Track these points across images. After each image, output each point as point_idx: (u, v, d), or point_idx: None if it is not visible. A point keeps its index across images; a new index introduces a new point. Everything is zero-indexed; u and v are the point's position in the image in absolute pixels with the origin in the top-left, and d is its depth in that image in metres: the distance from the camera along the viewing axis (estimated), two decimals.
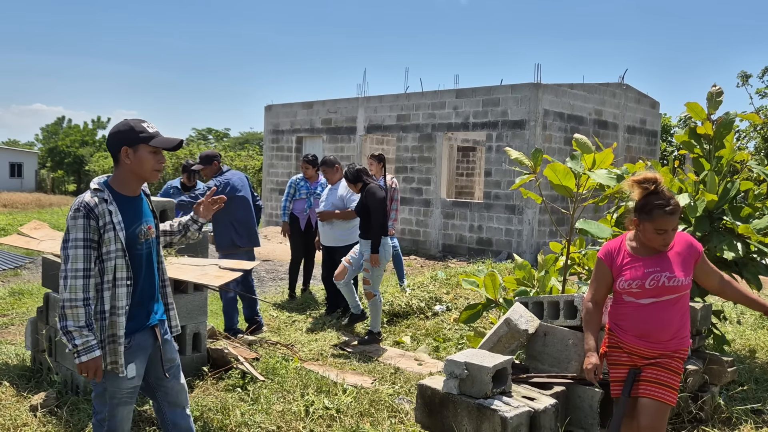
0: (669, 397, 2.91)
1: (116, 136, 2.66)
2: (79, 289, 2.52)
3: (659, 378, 2.92)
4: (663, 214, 2.80)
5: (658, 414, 2.91)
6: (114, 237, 2.59)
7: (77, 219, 2.53)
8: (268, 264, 10.81)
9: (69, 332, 2.53)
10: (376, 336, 5.95)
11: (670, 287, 2.87)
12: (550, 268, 4.78)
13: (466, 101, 13.47)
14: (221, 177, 5.98)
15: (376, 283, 5.91)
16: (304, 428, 3.76)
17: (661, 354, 2.93)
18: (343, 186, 6.71)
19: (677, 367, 2.94)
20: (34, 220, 5.63)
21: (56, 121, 46.99)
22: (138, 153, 2.64)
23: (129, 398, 2.74)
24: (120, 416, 2.73)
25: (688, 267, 2.91)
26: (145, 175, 2.68)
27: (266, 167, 18.20)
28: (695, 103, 4.67)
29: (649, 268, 2.89)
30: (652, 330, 2.92)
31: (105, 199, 2.59)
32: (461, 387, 3.25)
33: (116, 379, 2.66)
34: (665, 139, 21.47)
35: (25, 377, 4.55)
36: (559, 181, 4.39)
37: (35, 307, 5.84)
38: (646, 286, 2.88)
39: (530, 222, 12.52)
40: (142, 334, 2.76)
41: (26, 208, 24.53)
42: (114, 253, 2.59)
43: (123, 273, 2.63)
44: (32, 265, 10.29)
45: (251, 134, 48.77)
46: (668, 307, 2.90)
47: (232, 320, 6.04)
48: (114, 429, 2.73)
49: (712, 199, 4.35)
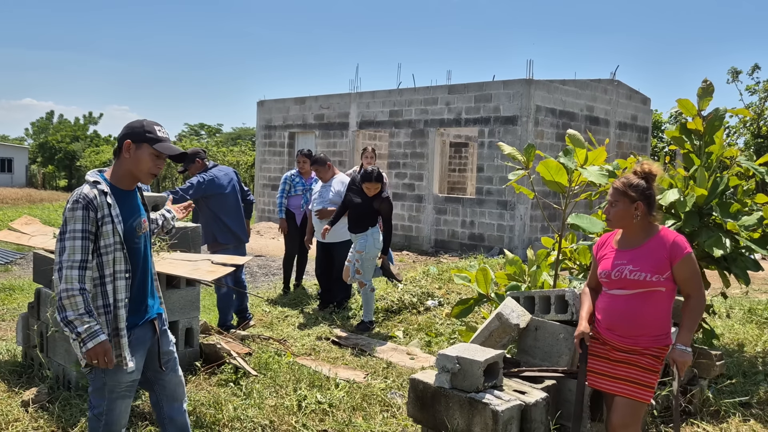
0: (642, 395, 2.93)
1: (127, 129, 2.69)
2: (74, 278, 2.49)
3: (630, 376, 2.95)
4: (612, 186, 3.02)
5: (630, 412, 2.93)
6: (112, 230, 2.58)
7: (76, 210, 2.51)
8: (260, 259, 10.81)
9: (70, 322, 2.48)
10: (368, 325, 6.10)
11: (632, 280, 2.89)
12: (542, 263, 4.80)
13: (458, 97, 13.48)
14: (206, 174, 5.92)
15: (368, 273, 6.14)
16: (296, 422, 3.77)
17: (631, 349, 2.95)
18: (338, 182, 6.72)
19: (650, 365, 2.93)
20: (25, 216, 5.60)
21: (46, 116, 46.69)
22: (139, 151, 2.65)
23: (128, 392, 2.73)
24: (118, 410, 2.72)
25: (661, 265, 2.87)
26: (139, 174, 2.68)
27: (258, 163, 18.15)
28: (686, 99, 4.70)
29: (618, 260, 2.97)
30: (618, 322, 2.96)
31: (104, 192, 2.59)
32: (453, 381, 3.27)
33: (116, 373, 2.64)
34: (656, 135, 21.58)
35: (17, 373, 4.54)
36: (552, 178, 4.41)
37: (26, 303, 5.81)
38: (612, 277, 2.96)
39: (522, 217, 12.56)
40: (142, 328, 2.77)
41: (17, 204, 24.36)
42: (112, 246, 2.58)
43: (121, 266, 2.62)
44: (23, 260, 10.23)
45: (244, 130, 48.60)
46: (637, 302, 2.91)
47: (227, 317, 6.03)
48: (111, 423, 2.71)
49: (701, 194, 4.39)
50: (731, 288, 6.20)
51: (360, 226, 6.17)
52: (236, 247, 6.05)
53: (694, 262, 2.90)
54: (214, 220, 5.93)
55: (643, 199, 2.93)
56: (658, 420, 3.83)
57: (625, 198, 2.94)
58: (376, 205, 6.11)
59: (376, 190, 6.10)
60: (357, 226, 6.19)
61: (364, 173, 6.15)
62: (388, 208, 6.12)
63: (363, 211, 6.15)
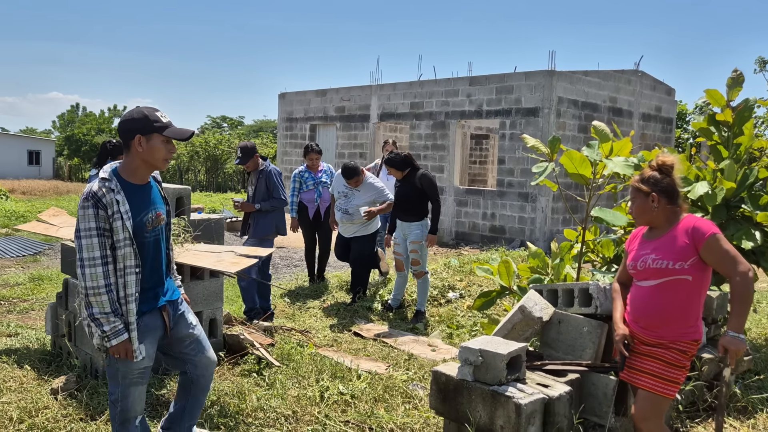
0: (664, 390, 2.89)
1: (130, 123, 2.67)
2: (99, 276, 2.58)
3: (654, 370, 2.91)
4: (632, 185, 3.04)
5: (649, 405, 2.90)
6: (122, 226, 2.62)
7: (87, 209, 2.58)
8: (282, 251, 10.88)
9: (96, 319, 2.63)
10: (424, 314, 6.26)
11: (655, 269, 2.86)
12: (565, 255, 4.76)
13: (479, 89, 13.38)
14: (271, 166, 6.29)
15: (425, 262, 6.29)
16: (319, 413, 3.80)
17: (658, 342, 2.91)
18: (368, 185, 6.71)
19: (675, 359, 2.88)
20: (52, 207, 5.70)
21: (71, 109, 47.37)
22: (151, 142, 2.67)
23: (140, 379, 2.81)
24: (132, 397, 2.80)
25: (685, 252, 2.82)
26: (156, 163, 2.72)
27: (280, 155, 18.24)
28: (714, 89, 4.61)
29: (644, 250, 2.96)
30: (643, 313, 2.93)
31: (112, 189, 2.62)
32: (476, 374, 3.26)
33: (128, 361, 2.73)
34: (681, 126, 21.21)
35: (46, 361, 4.63)
36: (575, 169, 4.36)
37: (55, 293, 5.93)
38: (638, 267, 2.96)
39: (543, 210, 12.46)
40: (151, 315, 2.82)
41: (44, 196, 24.81)
42: (123, 242, 2.64)
43: (131, 261, 2.67)
44: (51, 251, 10.43)
45: (265, 122, 48.85)
46: (662, 292, 2.87)
47: (254, 301, 6.10)
48: (127, 409, 2.80)
49: (730, 187, 4.31)
50: (759, 282, 6.09)
51: (412, 213, 6.24)
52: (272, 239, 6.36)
53: (721, 243, 2.78)
54: (280, 211, 6.28)
55: (657, 190, 2.91)
56: (684, 415, 3.79)
57: (639, 193, 2.96)
58: (418, 183, 6.17)
59: (402, 173, 6.24)
60: (409, 213, 6.26)
61: (387, 159, 6.30)
62: (428, 183, 6.18)
63: (410, 197, 6.20)
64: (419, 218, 6.25)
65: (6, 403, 3.78)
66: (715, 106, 4.66)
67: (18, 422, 3.58)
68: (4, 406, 3.75)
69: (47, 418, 3.63)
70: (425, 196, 6.23)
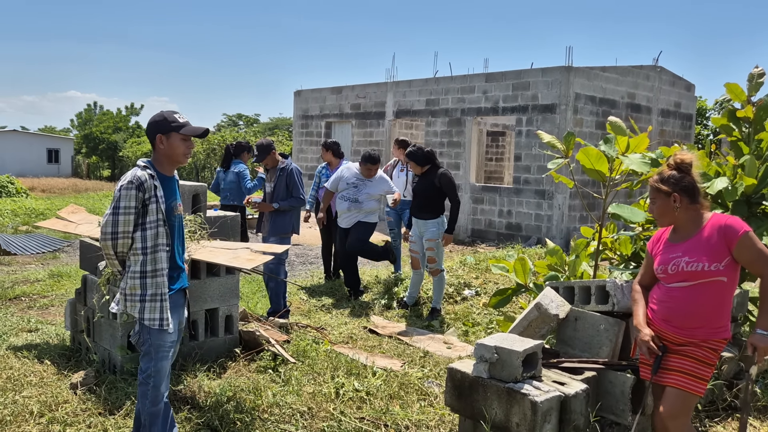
0: (693, 387, 2.86)
1: (152, 125, 3.06)
2: (127, 246, 2.99)
3: (683, 367, 2.89)
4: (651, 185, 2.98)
5: (679, 402, 2.87)
6: (156, 208, 2.98)
7: (130, 190, 2.92)
8: (298, 248, 10.92)
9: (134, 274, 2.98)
10: (439, 312, 6.27)
11: (691, 272, 2.83)
12: (581, 252, 4.72)
13: (495, 85, 13.30)
14: (293, 165, 6.23)
15: (441, 259, 6.32)
16: (334, 410, 3.80)
17: (688, 341, 2.89)
18: (380, 178, 6.93)
19: (706, 357, 2.86)
20: (71, 205, 5.77)
21: (88, 108, 47.84)
22: (170, 140, 3.03)
23: (168, 352, 3.09)
24: (163, 371, 3.08)
25: (718, 252, 2.79)
26: (177, 159, 3.07)
27: (296, 152, 18.29)
28: (735, 84, 4.53)
29: (673, 253, 2.91)
30: (675, 314, 2.89)
31: (152, 175, 2.99)
32: (491, 371, 3.24)
33: (160, 333, 3.02)
34: (700, 122, 20.93)
35: (65, 356, 4.70)
36: (592, 166, 4.32)
37: (74, 289, 6.01)
38: (669, 271, 2.90)
39: (560, 207, 12.37)
40: (176, 294, 3.13)
41: (63, 193, 25.14)
42: (155, 222, 2.98)
43: (163, 239, 3.01)
44: (70, 248, 10.56)
45: (281, 120, 48.99)
46: (697, 293, 2.84)
47: (279, 303, 6.11)
48: (158, 384, 3.07)
49: (751, 183, 4.24)
50: None
51: (427, 210, 6.25)
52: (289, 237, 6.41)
53: (754, 240, 2.76)
54: (297, 210, 6.28)
55: (678, 189, 2.87)
56: (702, 414, 3.74)
57: (660, 193, 2.91)
58: (437, 182, 6.18)
59: (422, 169, 6.27)
60: (423, 210, 6.27)
61: (408, 152, 6.33)
62: (448, 181, 6.21)
63: (427, 193, 6.21)
64: (434, 215, 6.24)
65: (27, 397, 3.84)
66: (735, 101, 4.58)
67: (38, 416, 3.64)
68: (25, 400, 3.81)
69: (67, 412, 3.68)
70: (442, 194, 6.22)
